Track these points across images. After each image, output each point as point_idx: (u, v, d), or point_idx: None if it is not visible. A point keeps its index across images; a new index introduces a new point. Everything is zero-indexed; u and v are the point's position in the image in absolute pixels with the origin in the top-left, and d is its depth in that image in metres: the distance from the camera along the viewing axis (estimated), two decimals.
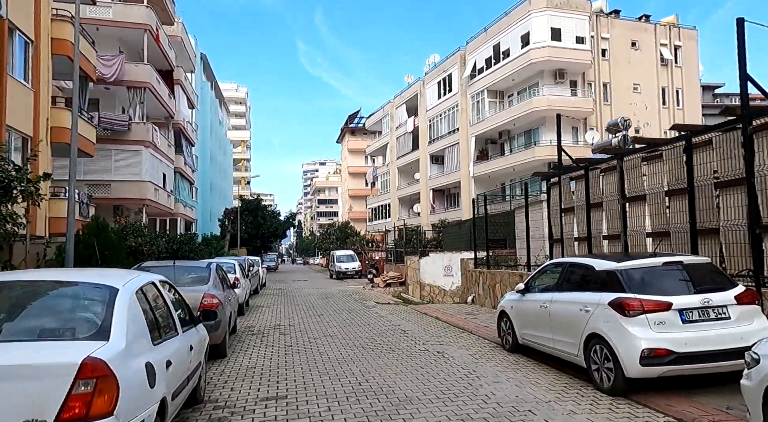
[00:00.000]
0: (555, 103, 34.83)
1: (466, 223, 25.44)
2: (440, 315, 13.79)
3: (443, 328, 11.77)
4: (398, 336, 10.71)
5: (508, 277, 13.81)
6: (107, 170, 27.00)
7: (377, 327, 12.10)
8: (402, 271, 28.01)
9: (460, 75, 43.94)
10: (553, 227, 12.10)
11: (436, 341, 9.99)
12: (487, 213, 16.19)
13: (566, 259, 7.86)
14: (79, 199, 20.33)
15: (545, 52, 34.61)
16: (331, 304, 18.14)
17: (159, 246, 22.00)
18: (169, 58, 32.09)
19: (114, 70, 26.70)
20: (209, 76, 56.38)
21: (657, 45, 39.04)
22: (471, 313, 14.10)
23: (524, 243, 15.00)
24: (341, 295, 22.36)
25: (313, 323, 13.03)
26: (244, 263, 20.21)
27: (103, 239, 17.86)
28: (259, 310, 16.36)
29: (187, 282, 8.70)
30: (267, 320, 13.91)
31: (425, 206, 49.73)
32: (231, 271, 15.11)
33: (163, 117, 32.58)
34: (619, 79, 37.59)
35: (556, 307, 7.13)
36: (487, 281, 15.36)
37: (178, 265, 9.13)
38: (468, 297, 16.62)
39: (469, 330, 11.21)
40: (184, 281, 8.75)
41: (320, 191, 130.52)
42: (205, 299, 8.08)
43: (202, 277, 8.77)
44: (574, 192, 11.28)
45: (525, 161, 36.24)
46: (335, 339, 10.46)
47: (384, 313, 15.02)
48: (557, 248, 11.90)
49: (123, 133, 26.94)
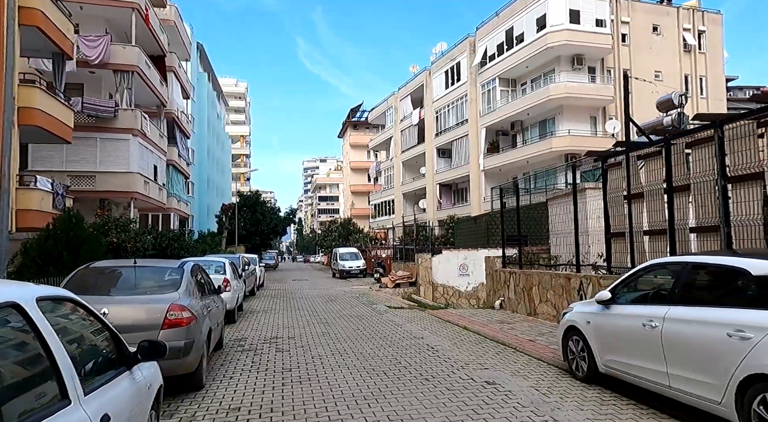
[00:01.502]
0: (573, 90, 32.61)
1: (483, 217, 23.25)
2: (468, 324, 11.57)
3: (478, 342, 9.55)
4: (426, 354, 8.49)
5: (549, 279, 11.59)
6: (91, 160, 24.79)
7: (396, 340, 9.88)
8: (412, 270, 25.78)
9: (469, 63, 41.65)
10: (611, 219, 9.85)
11: (478, 363, 7.77)
12: (519, 204, 13.95)
13: (684, 258, 5.63)
14: (53, 189, 18.15)
15: (563, 36, 32.33)
16: (337, 308, 15.92)
17: (145, 243, 19.82)
18: (160, 42, 29.86)
19: (99, 52, 24.49)
20: (206, 67, 54.10)
21: (680, 30, 36.74)
22: (503, 322, 11.88)
23: (562, 239, 12.80)
24: (347, 297, 20.14)
25: (317, 334, 10.81)
26: (238, 262, 18.01)
27: (77, 235, 15.76)
28: (254, 316, 14.15)
29: (149, 289, 6.49)
30: (262, 329, 11.70)
31: (431, 202, 47.48)
32: (220, 271, 12.90)
33: (154, 105, 30.37)
34: (640, 66, 35.25)
35: (675, 328, 4.89)
36: (519, 284, 13.13)
37: (141, 265, 6.93)
38: (495, 301, 14.40)
39: (513, 345, 8.99)
40: (146, 287, 6.55)
41: (321, 188, 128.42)
42: (172, 312, 5.87)
43: (171, 282, 6.56)
44: (642, 174, 9.04)
45: (540, 152, 33.99)
46: (347, 358, 8.23)
47: (400, 320, 12.80)
48: (619, 244, 9.66)
49: (109, 120, 24.73)
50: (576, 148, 32.25)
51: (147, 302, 6.01)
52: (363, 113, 72.68)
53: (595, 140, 33.31)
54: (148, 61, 27.38)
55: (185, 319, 5.94)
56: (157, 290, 6.42)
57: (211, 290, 8.40)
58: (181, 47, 36.20)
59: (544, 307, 11.84)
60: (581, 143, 32.44)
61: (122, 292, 6.42)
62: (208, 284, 8.31)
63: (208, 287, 8.12)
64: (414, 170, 52.35)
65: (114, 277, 6.83)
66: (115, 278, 6.80)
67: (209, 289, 8.22)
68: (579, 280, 10.39)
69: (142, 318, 5.77)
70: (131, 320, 5.69)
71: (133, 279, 6.62)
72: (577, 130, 33.40)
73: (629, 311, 5.72)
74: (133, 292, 6.35)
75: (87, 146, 24.68)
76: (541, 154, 33.87)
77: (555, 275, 11.42)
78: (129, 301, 6.01)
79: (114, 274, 6.91)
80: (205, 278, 8.27)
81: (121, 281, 6.75)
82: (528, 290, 12.61)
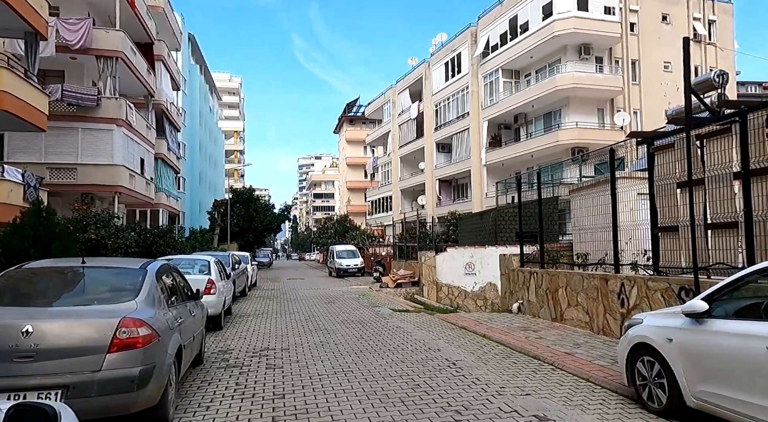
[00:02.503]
0: (581, 80, 31.18)
1: (490, 213, 21.79)
2: (487, 331, 10.12)
3: (505, 355, 8.10)
4: (448, 373, 7.03)
5: (580, 280, 10.14)
6: (72, 151, 23.20)
7: (409, 353, 8.41)
8: (414, 269, 24.34)
9: (470, 54, 40.17)
10: (660, 210, 8.41)
11: (515, 386, 6.31)
12: (541, 196, 12.49)
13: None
14: (24, 181, 16.59)
15: (571, 24, 30.88)
16: (336, 312, 14.45)
17: (128, 240, 18.29)
18: (147, 29, 28.25)
19: (80, 36, 22.87)
20: (198, 59, 52.40)
21: (689, 19, 35.34)
22: (527, 328, 10.44)
23: (590, 235, 11.37)
24: (346, 298, 18.67)
25: (315, 345, 9.33)
26: (227, 260, 16.51)
27: (47, 230, 14.24)
28: (244, 321, 12.65)
29: (98, 297, 5.00)
30: (252, 338, 10.21)
31: (431, 198, 46.01)
32: (205, 271, 11.38)
33: (141, 95, 28.75)
34: (648, 57, 33.89)
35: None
36: (542, 285, 11.68)
37: (92, 266, 5.43)
38: (513, 304, 12.95)
39: (549, 360, 7.54)
40: (95, 294, 5.06)
41: (316, 185, 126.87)
42: (124, 329, 4.38)
43: (129, 287, 5.05)
44: (703, 156, 7.59)
45: (546, 146, 32.57)
46: (353, 380, 6.75)
47: (408, 327, 11.33)
48: (668, 240, 8.22)
49: (91, 109, 23.14)
50: (584, 141, 30.88)
51: (90, 315, 4.52)
52: (359, 108, 71.11)
53: (604, 132, 31.96)
54: (133, 47, 25.80)
55: (142, 338, 4.45)
56: (109, 298, 4.92)
57: (187, 295, 6.90)
58: (171, 36, 34.54)
59: (573, 312, 10.40)
60: (589, 136, 31.08)
61: (61, 302, 4.92)
62: (183, 288, 6.82)
63: (182, 292, 6.62)
64: (412, 165, 50.87)
65: (52, 282, 5.33)
66: (53, 284, 5.30)
67: (184, 294, 6.72)
68: (619, 282, 8.95)
69: (81, 338, 4.29)
70: (65, 341, 4.22)
71: (79, 284, 5.15)
72: (584, 122, 32.01)
73: (739, 329, 4.28)
74: (76, 302, 4.86)
75: (67, 137, 23.12)
76: (547, 147, 32.46)
77: (587, 275, 9.97)
78: (66, 314, 4.52)
79: (53, 278, 5.40)
80: (179, 282, 6.77)
81: (62, 288, 5.25)
82: (553, 292, 11.16)
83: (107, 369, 4.23)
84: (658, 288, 8.01)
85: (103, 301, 4.85)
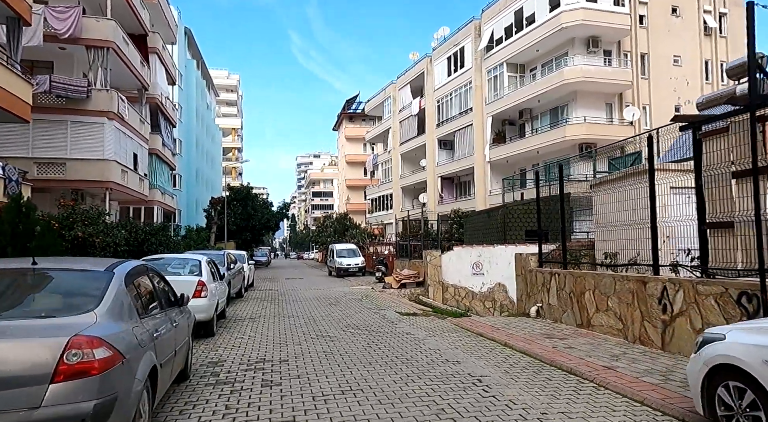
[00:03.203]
0: (590, 74, 30.19)
1: (498, 210, 20.77)
2: (508, 339, 9.11)
3: (536, 370, 7.09)
4: (475, 393, 6.01)
5: (612, 282, 9.12)
6: (61, 145, 22.23)
7: (425, 366, 7.40)
8: (419, 269, 23.33)
9: (474, 48, 39.14)
10: (709, 204, 7.40)
11: (559, 411, 5.30)
12: (563, 190, 11.47)
13: None
14: (5, 174, 15.56)
15: (579, 15, 29.87)
16: (339, 315, 13.43)
17: (117, 238, 17.26)
18: (141, 19, 27.22)
19: (69, 25, 21.87)
20: (195, 54, 51.31)
21: (700, 12, 34.34)
22: (551, 336, 9.43)
23: (611, 233, 10.39)
24: (348, 300, 17.65)
25: (318, 355, 8.32)
26: (222, 260, 15.49)
27: (28, 227, 13.24)
28: (239, 326, 11.64)
29: (48, 308, 3.97)
30: (247, 347, 9.19)
31: (433, 196, 44.99)
32: (195, 272, 10.34)
33: (135, 89, 27.77)
34: (658, 50, 32.90)
35: None
36: (565, 287, 10.68)
37: (44, 268, 4.41)
38: (530, 308, 11.94)
39: (588, 377, 6.54)
40: (44, 304, 4.04)
41: (315, 184, 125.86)
42: (74, 351, 3.35)
43: (87, 296, 4.03)
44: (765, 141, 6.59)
45: (553, 141, 31.58)
46: (364, 403, 5.72)
47: (419, 333, 10.32)
48: (722, 238, 7.21)
49: (81, 101, 22.15)
50: (592, 137, 29.91)
51: (31, 333, 3.48)
52: (359, 105, 70.02)
53: (613, 127, 31.03)
54: (126, 37, 24.77)
55: (99, 362, 3.43)
56: (60, 310, 3.90)
57: (170, 301, 5.88)
58: (166, 28, 33.47)
59: (602, 318, 9.39)
60: (597, 132, 30.12)
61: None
62: (164, 293, 5.79)
63: (162, 298, 5.59)
64: (413, 162, 49.84)
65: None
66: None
67: (166, 300, 5.70)
68: (661, 285, 7.94)
69: (16, 365, 3.27)
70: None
71: (23, 292, 4.14)
72: (592, 117, 31.01)
73: None
74: (15, 315, 3.82)
75: (56, 130, 22.17)
76: (554, 143, 31.47)
77: (620, 277, 8.95)
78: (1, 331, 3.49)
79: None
80: (159, 286, 5.73)
81: (3, 296, 4.22)
82: (578, 295, 10.15)
83: (50, 406, 3.22)
84: (711, 293, 7.01)
85: (52, 313, 3.82)
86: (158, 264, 10.57)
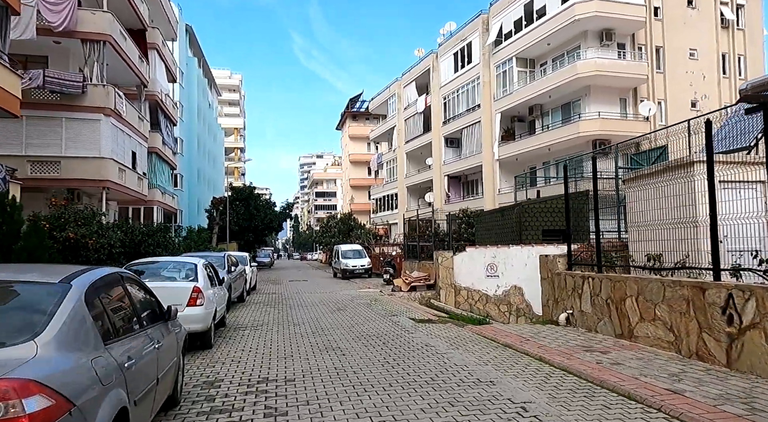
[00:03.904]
0: (604, 67, 29.13)
1: (513, 208, 19.73)
2: (543, 353, 8.07)
3: (587, 394, 6.05)
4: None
5: (660, 289, 8.07)
6: (56, 143, 21.27)
7: (456, 389, 6.35)
8: (429, 270, 22.30)
9: (482, 43, 38.10)
10: None
11: None
12: (596, 185, 10.40)
13: None
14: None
15: (592, 7, 28.81)
16: (348, 323, 12.41)
17: (112, 239, 16.28)
18: (139, 13, 26.24)
19: (63, 17, 20.89)
20: (197, 52, 50.34)
21: (716, 3, 33.24)
22: (590, 348, 8.40)
23: (650, 233, 9.37)
24: (356, 304, 16.63)
25: (328, 373, 7.30)
26: (222, 262, 14.49)
27: (12, 227, 12.30)
28: (239, 336, 10.62)
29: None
30: (247, 362, 8.18)
31: (439, 195, 43.95)
32: (191, 277, 9.31)
33: (133, 85, 26.79)
34: (673, 43, 31.84)
35: None
36: (600, 293, 9.63)
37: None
38: (560, 315, 10.90)
39: (656, 405, 5.50)
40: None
41: (318, 184, 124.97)
42: (10, 405, 2.34)
43: (28, 319, 3.00)
44: None
45: (565, 138, 30.54)
46: None
47: (440, 345, 9.29)
48: None
49: (76, 97, 21.19)
50: (606, 132, 28.83)
51: None
52: (363, 103, 69.06)
53: (627, 123, 29.99)
54: (123, 31, 23.81)
55: (33, 416, 2.41)
56: (8, 333, 2.89)
57: (152, 316, 4.85)
58: (166, 24, 32.50)
59: (648, 328, 8.35)
60: (612, 127, 29.05)
61: None
62: (144, 306, 4.76)
63: (143, 315, 4.57)
64: (419, 161, 48.82)
65: None
66: None
67: (146, 316, 4.67)
68: (725, 292, 6.89)
69: None
70: None
71: None
72: (606, 113, 29.92)
73: None
74: None
75: (50, 127, 21.22)
76: (566, 140, 30.43)
77: (671, 283, 7.90)
78: None
79: None
80: (138, 298, 4.69)
81: None
82: (618, 302, 9.10)
83: None
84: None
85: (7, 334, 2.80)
86: (150, 268, 9.60)
